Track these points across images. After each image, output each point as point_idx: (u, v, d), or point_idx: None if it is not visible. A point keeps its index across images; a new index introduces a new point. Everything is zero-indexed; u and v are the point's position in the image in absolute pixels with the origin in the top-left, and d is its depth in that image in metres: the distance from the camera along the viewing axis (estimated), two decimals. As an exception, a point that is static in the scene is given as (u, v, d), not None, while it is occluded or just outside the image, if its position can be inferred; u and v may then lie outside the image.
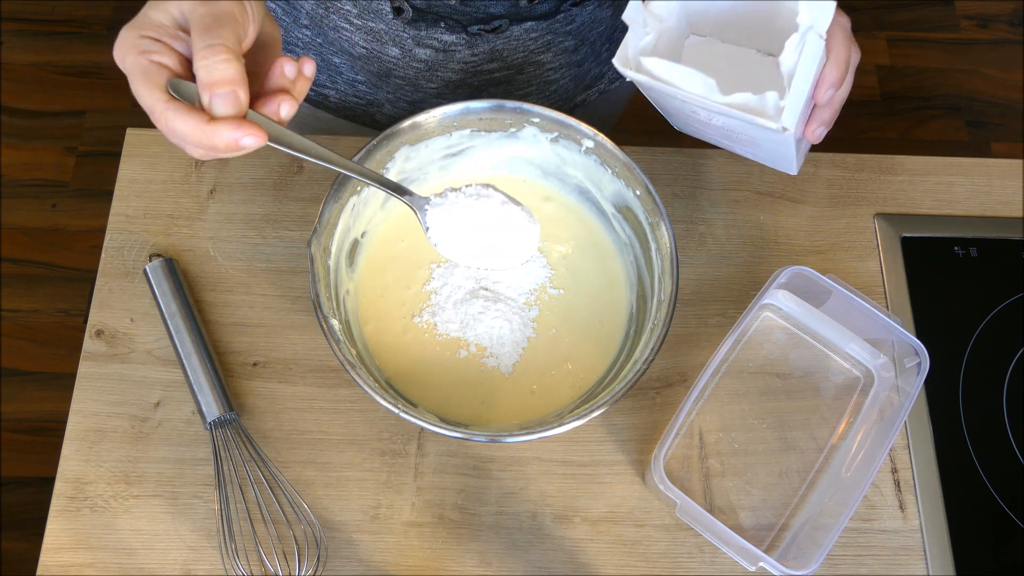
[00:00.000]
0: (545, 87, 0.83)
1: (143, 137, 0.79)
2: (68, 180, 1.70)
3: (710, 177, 0.80)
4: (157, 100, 0.47)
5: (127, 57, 0.49)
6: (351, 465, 0.68)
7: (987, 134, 1.82)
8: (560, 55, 0.80)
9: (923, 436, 0.71)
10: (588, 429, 0.70)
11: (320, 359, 0.71)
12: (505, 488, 0.68)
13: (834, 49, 0.60)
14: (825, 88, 0.60)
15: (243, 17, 0.49)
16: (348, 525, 0.66)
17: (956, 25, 1.93)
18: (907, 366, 0.68)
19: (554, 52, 0.79)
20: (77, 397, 0.69)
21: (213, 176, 0.78)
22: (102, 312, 0.72)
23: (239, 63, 0.47)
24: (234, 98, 0.46)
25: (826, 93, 0.60)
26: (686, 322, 0.74)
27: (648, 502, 0.68)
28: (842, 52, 0.60)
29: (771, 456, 0.69)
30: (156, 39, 0.49)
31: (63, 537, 0.65)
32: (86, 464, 0.67)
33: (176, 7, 0.49)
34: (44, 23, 1.85)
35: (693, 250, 0.77)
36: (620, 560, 0.66)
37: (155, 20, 0.49)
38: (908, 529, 0.68)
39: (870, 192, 0.80)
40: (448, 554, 0.66)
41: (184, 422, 0.69)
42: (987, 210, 0.80)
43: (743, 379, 0.72)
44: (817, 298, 0.70)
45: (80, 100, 1.78)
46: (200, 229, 0.76)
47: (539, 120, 0.68)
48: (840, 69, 0.60)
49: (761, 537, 0.66)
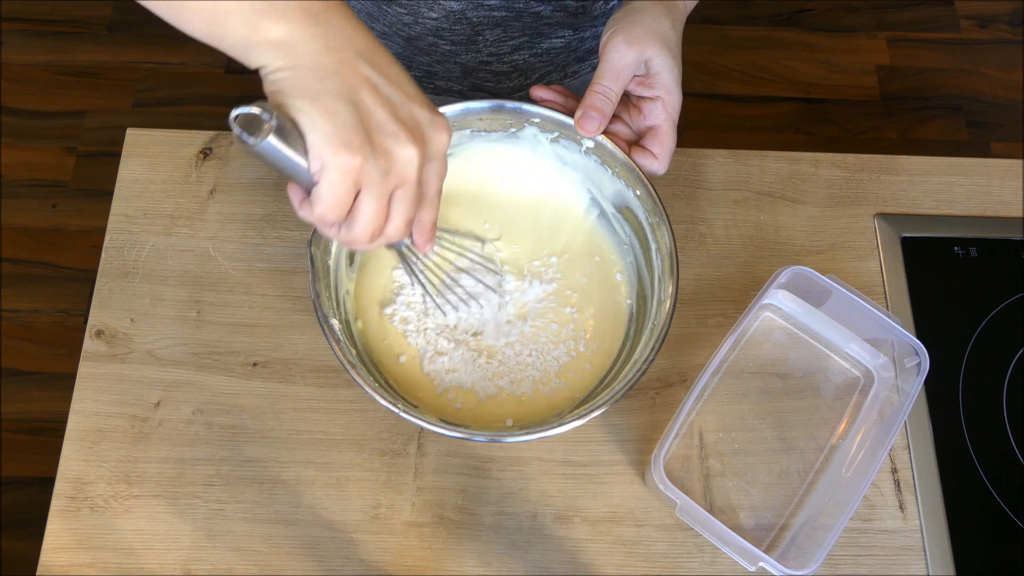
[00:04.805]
0: (538, 40, 0.82)
1: (143, 137, 0.79)
2: (68, 180, 1.70)
3: (710, 177, 0.80)
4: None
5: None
6: (351, 465, 0.68)
7: (987, 134, 1.82)
8: (559, 11, 0.79)
9: (923, 436, 0.71)
10: (588, 429, 0.70)
11: (320, 359, 0.71)
12: (505, 488, 0.68)
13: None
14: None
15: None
16: (348, 525, 0.66)
17: (956, 25, 1.93)
18: (907, 366, 0.68)
19: (553, 6, 0.79)
20: (77, 397, 0.69)
21: (213, 176, 0.78)
22: (102, 312, 0.72)
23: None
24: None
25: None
26: (686, 322, 0.74)
27: (648, 502, 0.68)
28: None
29: (771, 456, 0.69)
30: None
31: (63, 537, 0.65)
32: (86, 464, 0.67)
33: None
34: (44, 23, 1.85)
35: (693, 250, 0.77)
36: (620, 560, 0.66)
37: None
38: (908, 529, 0.68)
39: (870, 192, 0.80)
40: (448, 554, 0.66)
41: (184, 422, 0.69)
42: (987, 210, 0.80)
43: (743, 379, 0.72)
44: (817, 298, 0.70)
45: (80, 100, 1.78)
46: (200, 229, 0.76)
47: (539, 120, 0.68)
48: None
49: (761, 537, 0.66)
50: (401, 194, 0.50)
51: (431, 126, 0.50)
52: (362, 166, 0.47)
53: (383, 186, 0.48)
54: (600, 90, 0.64)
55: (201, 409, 0.69)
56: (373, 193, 0.48)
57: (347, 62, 0.47)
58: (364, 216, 0.49)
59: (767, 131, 1.79)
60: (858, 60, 1.88)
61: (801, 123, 1.79)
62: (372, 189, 0.48)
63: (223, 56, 1.83)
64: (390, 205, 0.50)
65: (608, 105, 0.64)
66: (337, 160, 0.46)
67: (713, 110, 1.81)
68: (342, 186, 0.47)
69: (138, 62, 1.82)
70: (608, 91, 0.64)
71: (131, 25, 1.86)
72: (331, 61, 0.47)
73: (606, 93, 0.64)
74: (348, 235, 0.50)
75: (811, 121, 1.79)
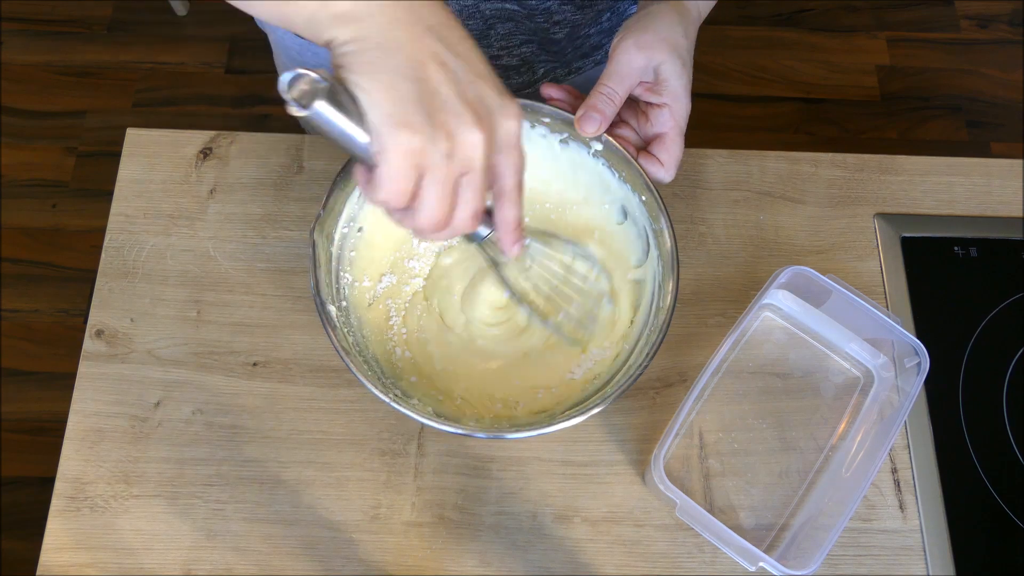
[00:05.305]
0: (545, 30, 0.82)
1: (143, 137, 0.79)
2: (68, 180, 1.70)
3: (710, 177, 0.80)
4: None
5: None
6: (351, 465, 0.68)
7: (987, 134, 1.82)
8: (566, 4, 0.79)
9: (923, 436, 0.71)
10: (588, 429, 0.70)
11: (320, 359, 0.71)
12: (505, 488, 0.68)
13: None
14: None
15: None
16: (348, 525, 0.66)
17: (956, 25, 1.93)
18: (907, 366, 0.68)
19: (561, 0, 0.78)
20: (77, 397, 0.69)
21: (213, 176, 0.78)
22: (102, 312, 0.72)
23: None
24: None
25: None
26: (686, 322, 0.74)
27: (648, 502, 0.68)
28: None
29: (771, 456, 0.69)
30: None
31: (63, 537, 0.65)
32: (86, 464, 0.67)
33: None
34: (44, 23, 1.85)
35: (693, 250, 0.77)
36: (620, 560, 0.66)
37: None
38: (908, 529, 0.68)
39: (870, 192, 0.80)
40: (448, 554, 0.66)
41: (184, 422, 0.69)
42: (987, 210, 0.80)
43: (743, 379, 0.72)
44: (817, 298, 0.70)
45: (80, 100, 1.78)
46: (200, 229, 0.76)
47: (549, 121, 0.68)
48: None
49: (761, 537, 0.66)
50: (467, 181, 0.47)
51: (500, 110, 0.47)
52: (423, 147, 0.44)
53: (446, 171, 0.45)
54: (603, 91, 0.64)
55: (201, 409, 0.69)
56: (436, 177, 0.45)
57: (416, 36, 0.44)
58: (428, 203, 0.46)
59: (767, 131, 1.79)
60: (858, 60, 1.88)
61: (801, 123, 1.80)
62: (434, 173, 0.45)
63: (223, 56, 1.83)
64: (456, 193, 0.47)
65: (610, 107, 0.64)
66: (395, 140, 0.43)
67: (713, 110, 1.81)
68: (402, 169, 0.44)
69: (138, 62, 1.82)
70: (612, 93, 0.64)
71: (131, 25, 1.86)
72: (399, 35, 0.44)
73: (609, 95, 0.64)
74: (413, 223, 0.47)
75: (811, 121, 1.79)
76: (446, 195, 0.46)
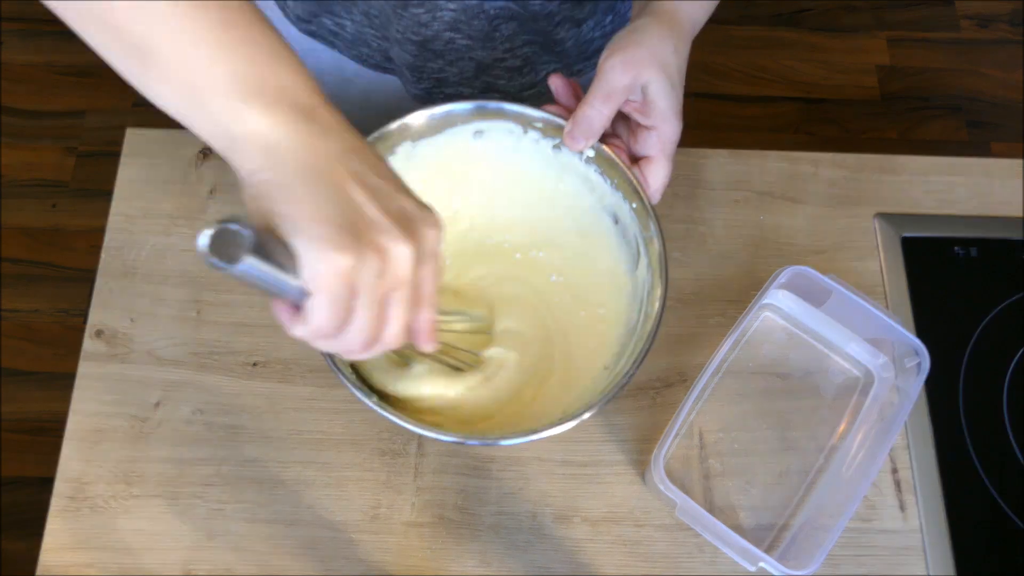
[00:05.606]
0: (549, 33, 0.82)
1: (143, 137, 0.79)
2: (68, 180, 1.70)
3: (710, 177, 0.80)
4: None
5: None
6: (351, 465, 0.68)
7: (987, 134, 1.82)
8: (565, 4, 0.79)
9: (923, 436, 0.71)
10: (588, 429, 0.70)
11: (320, 359, 0.71)
12: (505, 488, 0.68)
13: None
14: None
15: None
16: (348, 525, 0.66)
17: (956, 25, 1.93)
18: (907, 366, 0.68)
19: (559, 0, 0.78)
20: (77, 397, 0.69)
21: (213, 176, 0.78)
22: (102, 312, 0.72)
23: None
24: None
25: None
26: (686, 322, 0.74)
27: (648, 502, 0.68)
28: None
29: (771, 456, 0.69)
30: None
31: (63, 537, 0.65)
32: (86, 464, 0.67)
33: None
34: (44, 23, 1.85)
35: (693, 250, 0.77)
36: (620, 560, 0.66)
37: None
38: (908, 529, 0.68)
39: (870, 192, 0.80)
40: (448, 554, 0.66)
41: (184, 422, 0.69)
42: (987, 210, 0.80)
43: (743, 379, 0.72)
44: (817, 298, 0.70)
45: (80, 100, 1.78)
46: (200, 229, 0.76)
47: (542, 125, 0.68)
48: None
49: (761, 537, 0.66)
50: (397, 297, 0.46)
51: (423, 222, 0.46)
52: (355, 267, 0.43)
53: (378, 289, 0.44)
54: (588, 111, 0.62)
55: (201, 409, 0.69)
56: (368, 298, 0.44)
57: (335, 158, 0.44)
58: (359, 324, 0.45)
59: (767, 131, 1.79)
60: (858, 60, 1.88)
61: (801, 123, 1.79)
62: (367, 293, 0.44)
63: (223, 56, 1.82)
64: (385, 310, 0.46)
65: (596, 125, 0.63)
66: (328, 265, 0.42)
67: (713, 110, 1.81)
68: (336, 293, 0.43)
69: (138, 62, 1.82)
70: (598, 112, 0.62)
71: (131, 25, 1.86)
72: (318, 161, 0.43)
73: (593, 115, 0.62)
74: (342, 344, 0.46)
75: (811, 121, 1.79)
76: (378, 313, 0.46)
